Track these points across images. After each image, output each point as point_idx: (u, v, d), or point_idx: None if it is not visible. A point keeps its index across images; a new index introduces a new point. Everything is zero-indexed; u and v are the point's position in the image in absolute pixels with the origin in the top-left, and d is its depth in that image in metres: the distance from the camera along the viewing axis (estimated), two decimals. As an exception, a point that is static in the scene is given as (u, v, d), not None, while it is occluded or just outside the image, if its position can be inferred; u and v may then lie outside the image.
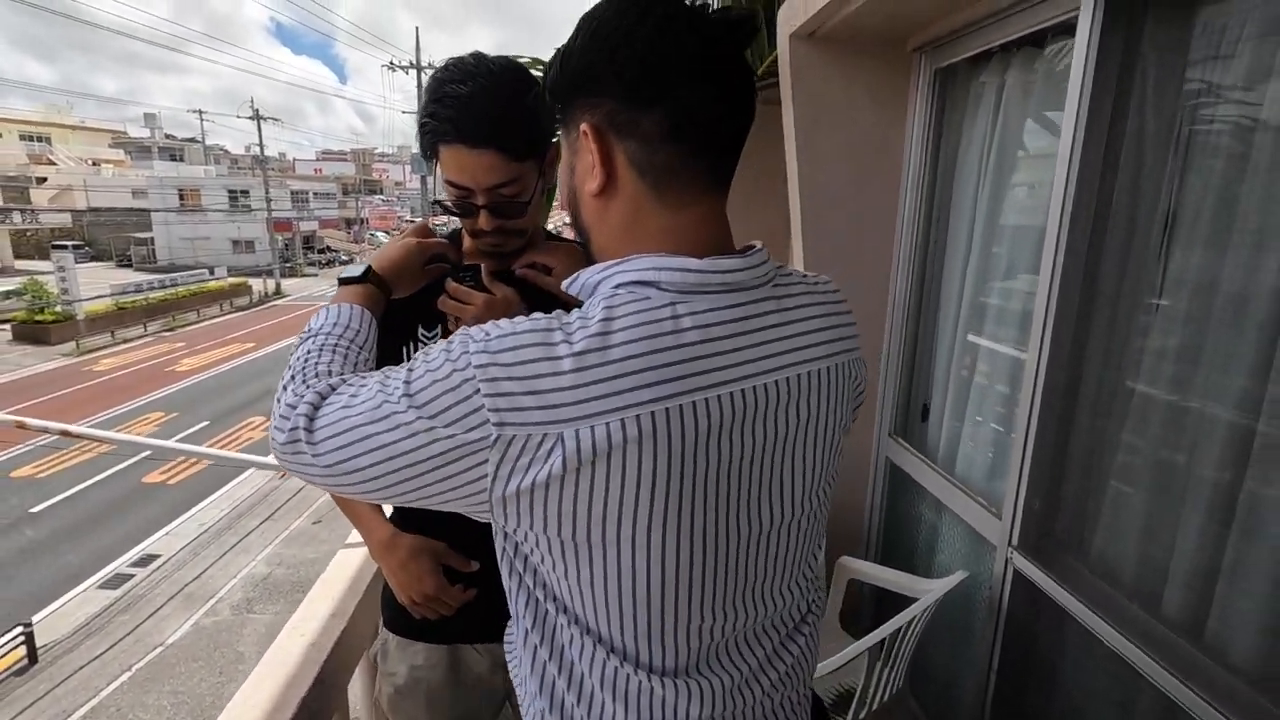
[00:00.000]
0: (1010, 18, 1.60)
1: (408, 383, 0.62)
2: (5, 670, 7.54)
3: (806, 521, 0.73)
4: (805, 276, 0.74)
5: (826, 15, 1.81)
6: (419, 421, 0.60)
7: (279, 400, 0.72)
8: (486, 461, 0.59)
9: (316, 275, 37.59)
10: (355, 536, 1.65)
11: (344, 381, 0.70)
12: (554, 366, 0.58)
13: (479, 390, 0.58)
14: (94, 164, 43.91)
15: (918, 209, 2.11)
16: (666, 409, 0.59)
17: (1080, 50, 1.32)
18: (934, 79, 1.98)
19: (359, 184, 55.44)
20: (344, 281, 0.92)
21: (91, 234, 38.33)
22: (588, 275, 0.68)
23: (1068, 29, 1.51)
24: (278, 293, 31.26)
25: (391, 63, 23.46)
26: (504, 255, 1.04)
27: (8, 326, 21.37)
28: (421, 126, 1.00)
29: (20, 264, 31.71)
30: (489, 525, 0.70)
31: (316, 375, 0.73)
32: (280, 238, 35.10)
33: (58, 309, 21.13)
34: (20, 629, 7.71)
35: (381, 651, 1.17)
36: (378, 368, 1.00)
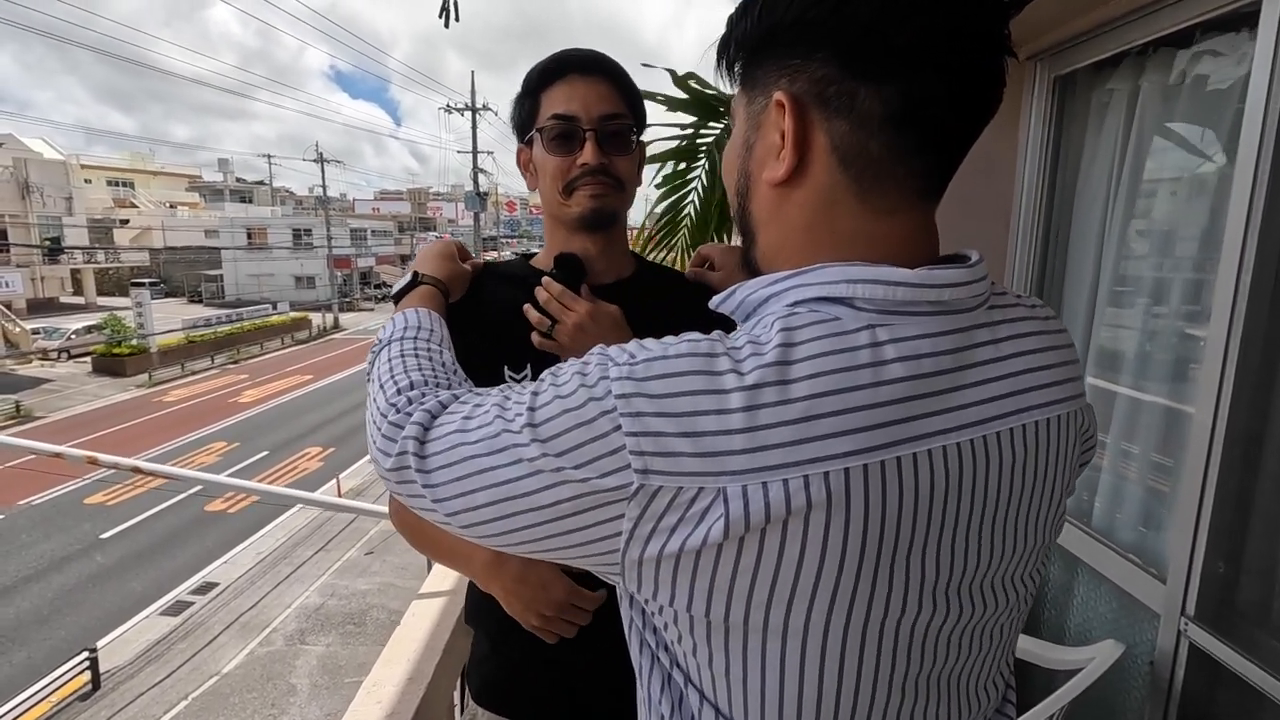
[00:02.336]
0: (1157, 13, 1.43)
1: (532, 409, 0.50)
2: (71, 695, 7.69)
3: (1019, 607, 0.58)
4: (1020, 298, 0.58)
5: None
6: (544, 459, 0.48)
7: (374, 421, 0.61)
8: (622, 516, 0.47)
9: (372, 309, 38.81)
10: (429, 585, 1.53)
11: (456, 398, 0.59)
12: (719, 402, 0.45)
13: (620, 427, 0.46)
14: (171, 206, 46.71)
15: (1032, 234, 1.92)
16: (865, 465, 0.45)
17: (1265, 43, 1.14)
18: (1052, 88, 1.82)
19: (414, 222, 57.42)
20: (397, 297, 0.88)
21: (167, 271, 40.60)
22: (750, 289, 0.54)
23: (1230, 22, 1.34)
24: (336, 326, 32.34)
25: (449, 105, 24.38)
26: (600, 217, 0.94)
27: (88, 359, 22.57)
28: (524, 87, 0.96)
29: (102, 300, 33.67)
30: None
31: (411, 385, 0.64)
32: (339, 274, 36.46)
33: (134, 342, 22.24)
34: (86, 654, 7.88)
35: (470, 729, 1.03)
36: None
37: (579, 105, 0.91)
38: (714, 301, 0.58)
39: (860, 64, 0.49)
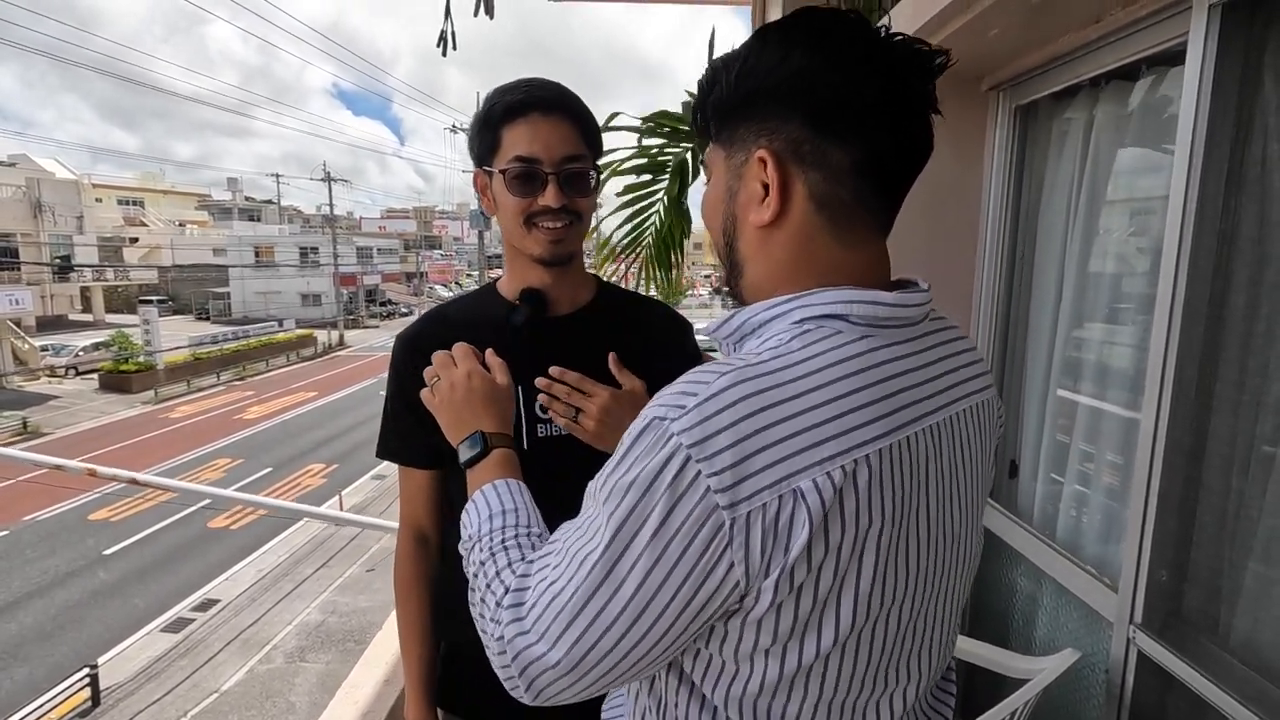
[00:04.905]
0: (1101, 49, 1.51)
1: (610, 514, 0.54)
2: (70, 713, 7.70)
3: (971, 568, 0.69)
4: (939, 315, 0.71)
5: (898, 57, 1.75)
6: (644, 557, 0.53)
7: (484, 633, 0.64)
8: (732, 567, 0.52)
9: (378, 327, 39.03)
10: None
11: (525, 574, 0.63)
12: (779, 413, 0.52)
13: (700, 472, 0.51)
14: (180, 225, 47.23)
15: (998, 257, 1.99)
16: (890, 445, 0.55)
17: (1192, 76, 1.22)
18: (1013, 118, 1.90)
19: (419, 240, 57.89)
20: (469, 464, 0.80)
21: (175, 289, 40.99)
22: (752, 312, 0.63)
23: (1169, 57, 1.42)
24: (341, 343, 32.52)
25: (454, 126, 24.74)
26: (558, 259, 0.99)
27: (95, 376, 22.75)
28: (485, 116, 0.96)
29: (111, 317, 33.96)
30: None
31: (504, 588, 0.64)
32: (345, 291, 36.73)
33: (140, 359, 22.42)
34: (86, 671, 7.89)
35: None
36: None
37: (541, 147, 0.93)
38: (710, 326, 0.67)
39: (830, 125, 0.59)
